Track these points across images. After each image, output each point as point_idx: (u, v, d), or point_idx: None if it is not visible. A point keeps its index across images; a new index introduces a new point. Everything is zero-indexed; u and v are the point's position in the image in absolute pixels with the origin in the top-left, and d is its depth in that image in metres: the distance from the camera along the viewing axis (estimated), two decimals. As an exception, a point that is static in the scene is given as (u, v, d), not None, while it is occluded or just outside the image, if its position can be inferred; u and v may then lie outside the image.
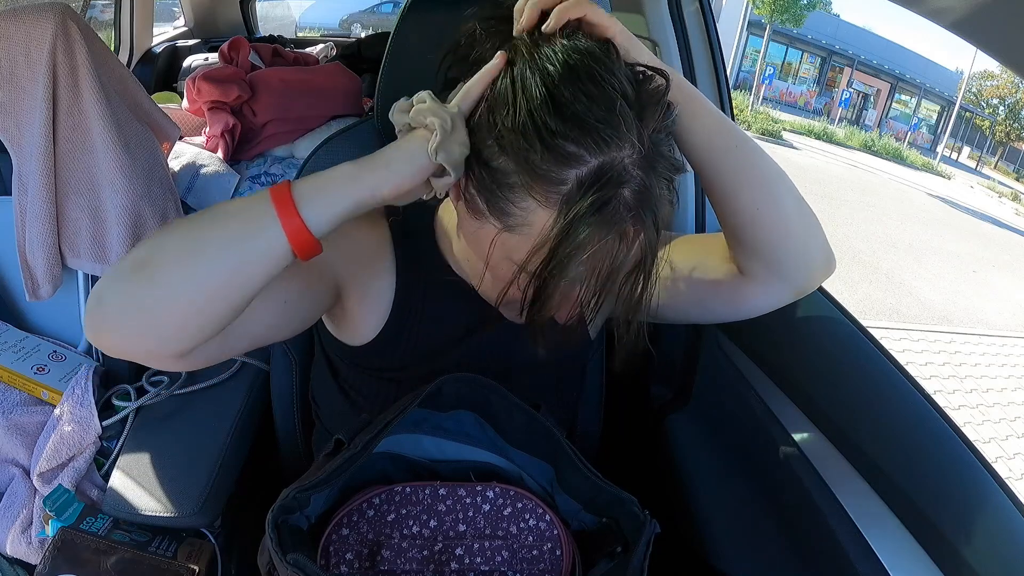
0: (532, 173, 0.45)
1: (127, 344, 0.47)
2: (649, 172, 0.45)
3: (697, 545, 0.80)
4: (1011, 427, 3.50)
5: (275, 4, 4.04)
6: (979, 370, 4.17)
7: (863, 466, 0.64)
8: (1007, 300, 6.22)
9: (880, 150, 15.15)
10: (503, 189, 0.47)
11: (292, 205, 0.45)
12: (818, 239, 0.57)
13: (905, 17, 32.78)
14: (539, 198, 0.46)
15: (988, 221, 10.95)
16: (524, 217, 0.47)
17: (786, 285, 0.58)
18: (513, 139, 0.45)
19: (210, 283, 0.45)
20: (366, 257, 0.64)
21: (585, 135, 0.44)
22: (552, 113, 0.44)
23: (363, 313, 0.65)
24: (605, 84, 0.44)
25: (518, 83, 0.46)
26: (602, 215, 0.44)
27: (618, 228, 0.45)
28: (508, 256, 0.50)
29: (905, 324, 4.64)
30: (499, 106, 0.47)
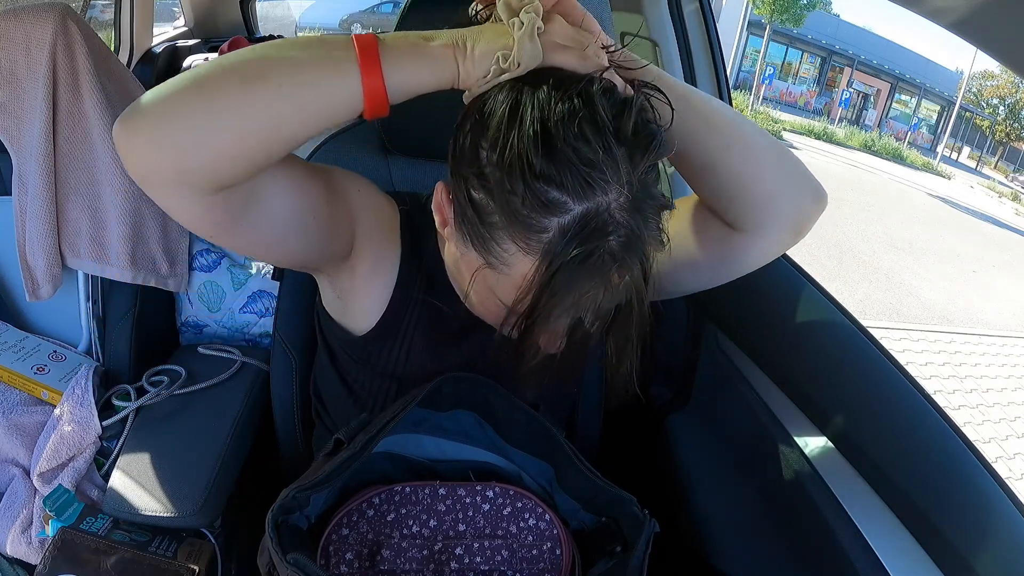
0: (513, 217, 0.43)
1: (158, 156, 0.42)
2: (636, 215, 0.43)
3: (697, 545, 0.80)
4: (1011, 427, 3.50)
5: (275, 4, 4.04)
6: (979, 370, 4.17)
7: (863, 466, 0.64)
8: (1007, 300, 6.21)
9: (880, 150, 15.15)
10: (485, 226, 0.45)
11: (378, 64, 0.43)
12: (804, 178, 0.56)
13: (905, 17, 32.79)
14: (520, 244, 0.44)
15: (988, 221, 10.95)
16: (506, 259, 0.46)
17: (784, 230, 0.57)
18: (497, 176, 0.43)
19: (268, 113, 0.43)
20: (386, 232, 0.65)
21: (570, 180, 0.41)
22: (540, 154, 0.41)
23: (368, 292, 0.64)
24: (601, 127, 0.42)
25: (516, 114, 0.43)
26: (586, 266, 0.43)
27: (602, 279, 0.44)
28: (492, 291, 0.49)
29: (905, 324, 4.64)
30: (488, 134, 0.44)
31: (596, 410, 0.90)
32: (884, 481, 0.62)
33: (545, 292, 0.43)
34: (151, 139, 0.42)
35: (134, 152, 0.43)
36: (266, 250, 0.56)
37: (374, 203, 0.64)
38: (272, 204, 0.50)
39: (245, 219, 0.49)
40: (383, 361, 0.66)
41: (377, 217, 0.64)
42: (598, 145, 0.41)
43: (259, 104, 0.42)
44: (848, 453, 0.66)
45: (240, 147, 0.43)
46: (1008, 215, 12.77)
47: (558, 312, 0.45)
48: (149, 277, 1.03)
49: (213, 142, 0.42)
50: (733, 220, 0.57)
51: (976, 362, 4.30)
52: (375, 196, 0.65)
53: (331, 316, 0.68)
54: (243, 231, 0.51)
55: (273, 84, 0.42)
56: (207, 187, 0.45)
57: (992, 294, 6.26)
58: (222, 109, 0.42)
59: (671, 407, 0.95)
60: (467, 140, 0.46)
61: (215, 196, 0.46)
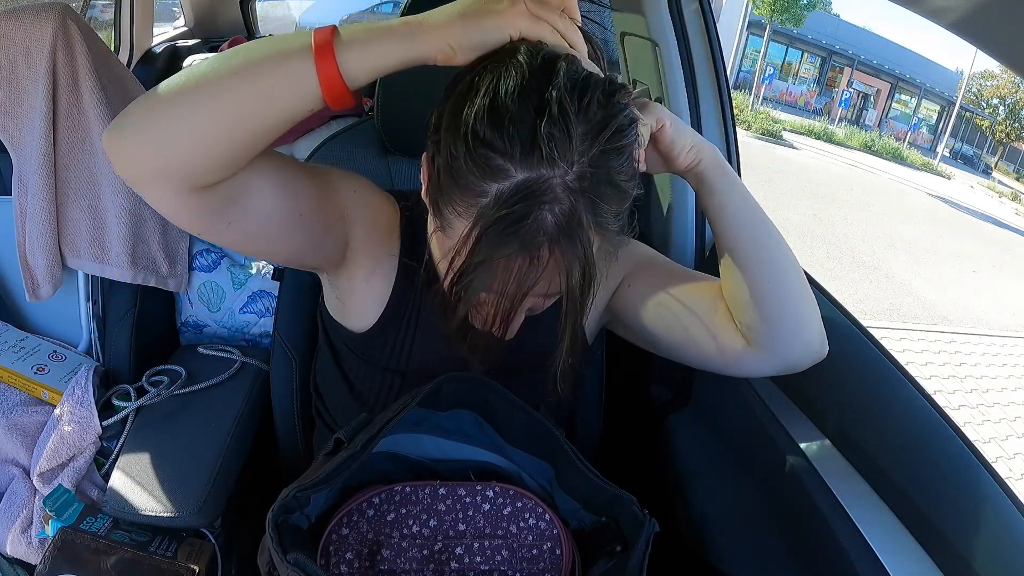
0: (455, 180, 0.44)
1: (137, 158, 0.45)
2: (581, 196, 0.43)
3: (696, 545, 0.80)
4: (1011, 427, 3.50)
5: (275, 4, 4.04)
6: (979, 370, 4.17)
7: (863, 466, 0.64)
8: (1007, 300, 6.21)
9: (880, 150, 15.15)
10: (439, 189, 0.47)
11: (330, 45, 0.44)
12: (814, 324, 0.59)
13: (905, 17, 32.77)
14: (459, 207, 0.45)
15: (988, 221, 10.95)
16: (450, 221, 0.47)
17: (779, 359, 0.60)
18: (447, 140, 0.44)
19: (231, 107, 0.44)
20: (381, 228, 0.65)
21: (513, 148, 0.41)
22: (488, 122, 0.42)
23: (368, 290, 0.65)
24: (552, 98, 0.41)
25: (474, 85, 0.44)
26: (511, 233, 0.42)
27: (528, 249, 0.43)
28: (440, 254, 0.51)
29: (905, 324, 4.64)
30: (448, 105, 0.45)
31: (596, 410, 0.90)
32: (884, 481, 0.62)
33: (469, 254, 0.43)
34: (130, 141, 0.45)
35: (117, 154, 0.45)
36: (257, 246, 0.56)
37: (371, 202, 0.64)
38: (256, 200, 0.51)
39: (230, 215, 0.50)
40: (386, 356, 0.66)
41: (374, 216, 0.64)
42: (551, 118, 0.41)
43: (222, 100, 0.44)
44: (848, 453, 0.66)
45: (209, 143, 0.45)
46: (1008, 215, 12.77)
47: (479, 277, 0.44)
48: (149, 277, 1.03)
49: (184, 140, 0.44)
50: (745, 327, 0.59)
51: (976, 362, 4.30)
52: (372, 195, 0.65)
53: (333, 315, 0.69)
54: (230, 227, 0.52)
55: (234, 79, 0.44)
56: (187, 185, 0.46)
57: (992, 294, 6.26)
58: (189, 108, 0.44)
59: (671, 407, 0.95)
60: (438, 110, 0.48)
61: (199, 193, 0.47)
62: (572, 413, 0.87)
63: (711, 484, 0.83)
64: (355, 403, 0.69)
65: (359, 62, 0.45)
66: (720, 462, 0.83)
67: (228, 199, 0.49)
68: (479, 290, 0.46)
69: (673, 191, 1.00)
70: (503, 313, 0.48)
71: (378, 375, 0.67)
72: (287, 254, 0.59)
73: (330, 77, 0.44)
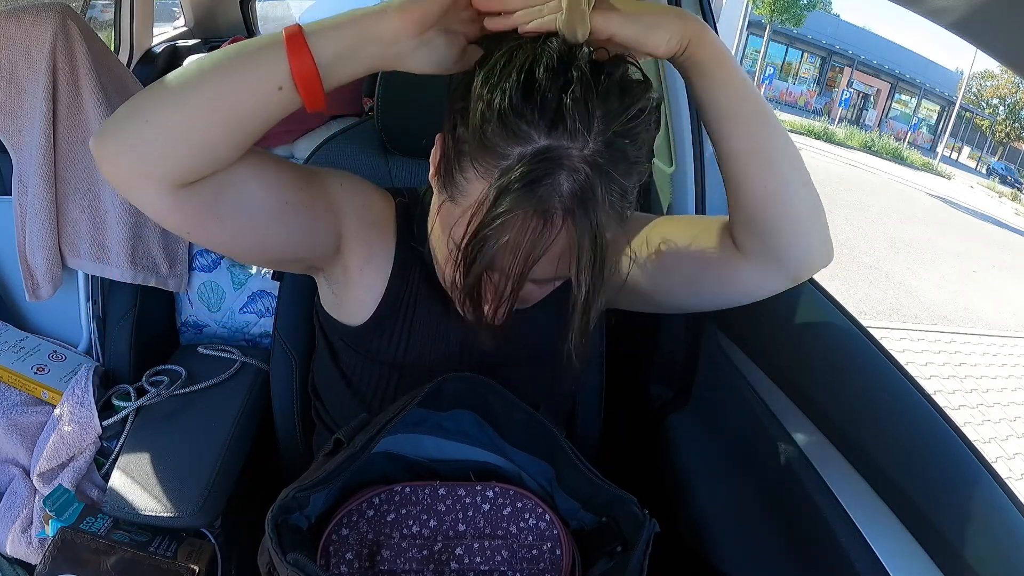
0: (481, 144, 0.45)
1: (122, 159, 0.46)
2: (598, 172, 0.44)
3: (696, 545, 0.80)
4: (1011, 427, 3.50)
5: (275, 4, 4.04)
6: (979, 370, 4.17)
7: (863, 466, 0.64)
8: (1007, 300, 6.21)
9: (880, 150, 15.16)
10: (457, 157, 0.48)
11: (300, 30, 0.45)
12: (820, 227, 0.57)
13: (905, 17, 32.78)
14: (479, 168, 0.46)
15: (988, 221, 10.95)
16: (464, 187, 0.48)
17: (782, 269, 0.58)
18: (477, 107, 0.45)
19: (207, 105, 0.45)
20: (375, 225, 0.65)
21: (541, 117, 0.43)
22: (521, 91, 0.43)
23: (362, 284, 0.65)
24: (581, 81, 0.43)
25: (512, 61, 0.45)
26: (529, 189, 0.44)
27: (543, 207, 0.44)
28: (447, 230, 0.50)
29: (905, 324, 4.64)
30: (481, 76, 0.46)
31: (596, 410, 0.90)
32: (884, 481, 0.62)
33: (487, 211, 0.44)
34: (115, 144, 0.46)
35: (103, 159, 0.47)
36: (247, 243, 0.56)
37: (361, 196, 0.65)
38: (242, 194, 0.52)
39: (217, 211, 0.51)
40: (383, 350, 0.66)
41: (366, 209, 0.64)
42: (575, 98, 0.43)
43: (199, 97, 0.45)
44: (848, 453, 0.66)
45: (190, 140, 0.46)
46: (1008, 215, 12.77)
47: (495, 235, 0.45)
48: (149, 277, 1.03)
49: (165, 138, 0.45)
50: (742, 237, 0.58)
51: (976, 362, 4.30)
52: (363, 189, 0.65)
53: (329, 312, 0.69)
54: (218, 224, 0.52)
55: (210, 76, 0.46)
56: (170, 183, 0.47)
57: (992, 294, 6.26)
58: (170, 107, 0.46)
59: (671, 407, 0.95)
60: (462, 82, 0.48)
61: (183, 191, 0.48)
62: (572, 413, 0.87)
63: (711, 484, 0.83)
64: (353, 399, 0.69)
65: (328, 45, 0.46)
66: (720, 462, 0.83)
67: (214, 195, 0.50)
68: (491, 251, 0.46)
69: (673, 191, 1.00)
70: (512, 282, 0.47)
71: (375, 369, 0.67)
72: (279, 250, 0.59)
73: (303, 62, 0.45)
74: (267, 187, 0.54)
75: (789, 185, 0.54)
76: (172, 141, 0.46)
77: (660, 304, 0.68)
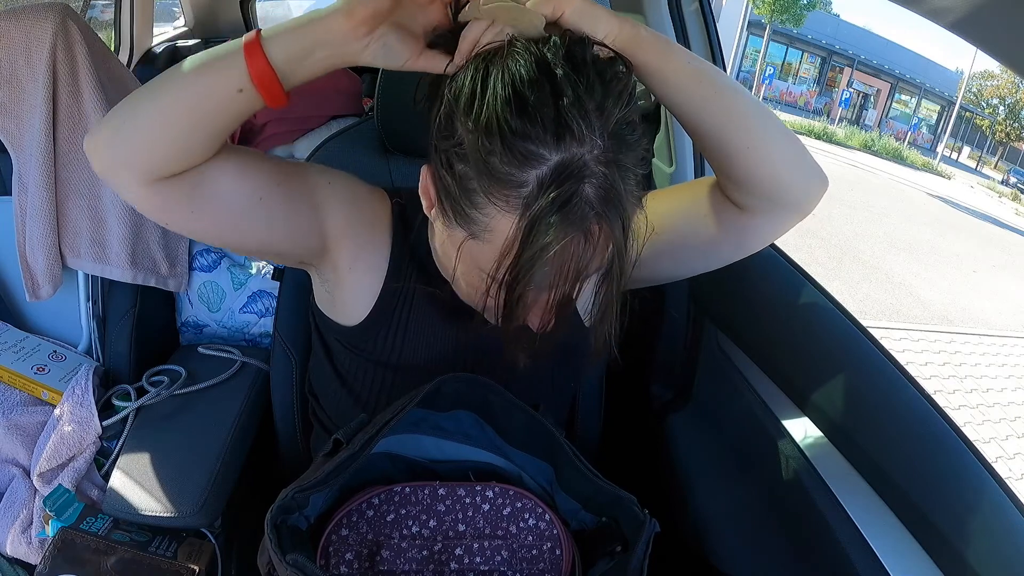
0: (492, 177, 0.44)
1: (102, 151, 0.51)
2: (612, 168, 0.44)
3: (696, 545, 0.80)
4: (1011, 427, 3.50)
5: (275, 4, 4.04)
6: (979, 370, 4.17)
7: (863, 466, 0.64)
8: (1007, 300, 6.21)
9: (880, 150, 15.16)
10: (466, 195, 0.47)
11: (256, 35, 0.48)
12: (807, 160, 0.57)
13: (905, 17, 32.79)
14: (500, 204, 0.45)
15: (988, 221, 10.95)
16: (487, 224, 0.46)
17: (788, 210, 0.59)
18: (473, 141, 0.44)
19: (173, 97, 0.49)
20: (367, 225, 0.65)
21: (546, 133, 0.43)
22: (515, 113, 0.43)
23: (353, 284, 0.65)
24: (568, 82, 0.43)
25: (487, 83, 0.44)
26: (564, 213, 0.43)
27: (582, 226, 0.44)
28: (476, 264, 0.50)
29: (905, 324, 4.64)
30: (462, 105, 0.45)
31: (596, 410, 0.90)
32: (884, 481, 0.62)
33: (526, 246, 0.44)
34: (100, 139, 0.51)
35: (92, 154, 0.51)
36: (224, 234, 0.58)
37: (351, 195, 0.65)
38: (217, 186, 0.54)
39: (193, 204, 0.54)
40: (377, 350, 0.66)
41: (356, 208, 0.64)
42: (567, 98, 0.43)
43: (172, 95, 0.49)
44: (848, 453, 0.66)
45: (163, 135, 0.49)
46: (1008, 215, 12.77)
47: (540, 266, 0.44)
48: (149, 277, 1.03)
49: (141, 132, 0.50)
50: (742, 200, 0.58)
51: (976, 362, 4.30)
52: (354, 189, 0.66)
53: (323, 311, 0.69)
54: (195, 215, 0.55)
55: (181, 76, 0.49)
56: (148, 175, 0.51)
57: (992, 294, 6.26)
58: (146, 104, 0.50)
59: (671, 407, 0.95)
60: (442, 116, 0.48)
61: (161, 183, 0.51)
62: (572, 413, 0.87)
63: (711, 484, 0.83)
64: (349, 399, 0.69)
65: (282, 49, 0.48)
66: (720, 462, 0.83)
67: (188, 189, 0.53)
68: (540, 283, 0.46)
69: (673, 191, 1.00)
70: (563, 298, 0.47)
71: (370, 369, 0.67)
72: (259, 242, 0.60)
73: (259, 66, 0.48)
74: (241, 183, 0.55)
75: (767, 137, 0.54)
76: (148, 136, 0.50)
77: (670, 275, 0.68)
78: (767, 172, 0.55)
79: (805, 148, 0.57)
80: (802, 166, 0.57)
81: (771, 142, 0.54)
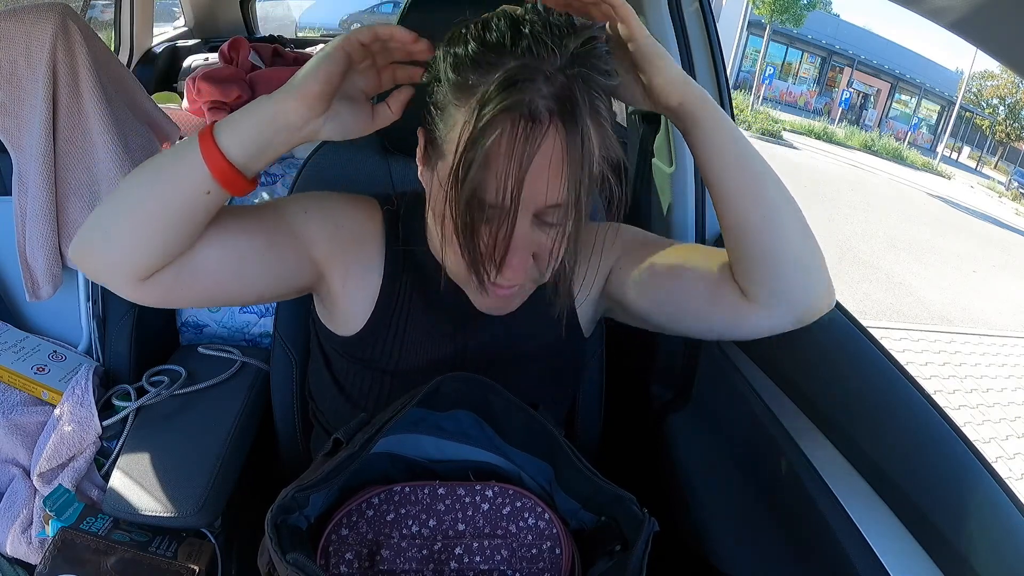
0: (456, 86, 0.47)
1: (91, 261, 0.53)
2: (575, 78, 0.45)
3: (696, 544, 0.80)
4: (1011, 427, 3.50)
5: (275, 4, 4.04)
6: (979, 370, 4.17)
7: (863, 466, 0.64)
8: (1007, 300, 6.21)
9: (880, 150, 15.15)
10: (438, 118, 0.50)
11: (211, 135, 0.49)
12: (819, 271, 0.57)
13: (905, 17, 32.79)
14: (459, 104, 0.47)
15: (988, 221, 10.95)
16: (449, 133, 0.49)
17: (787, 312, 0.58)
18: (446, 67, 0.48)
19: (145, 214, 0.50)
20: (353, 241, 0.65)
21: (512, 45, 0.45)
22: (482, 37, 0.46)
23: (349, 298, 0.65)
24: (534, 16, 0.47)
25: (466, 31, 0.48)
26: (509, 93, 0.44)
27: (529, 107, 0.44)
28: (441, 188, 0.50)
29: (905, 324, 4.64)
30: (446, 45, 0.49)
31: (596, 410, 0.90)
32: (884, 481, 0.62)
33: (474, 128, 0.44)
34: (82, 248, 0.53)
35: (80, 263, 0.54)
36: (219, 299, 0.60)
37: (332, 218, 0.64)
38: (199, 269, 0.55)
39: (180, 289, 0.55)
40: (376, 358, 0.66)
41: (339, 228, 0.64)
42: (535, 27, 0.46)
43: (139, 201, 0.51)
44: (848, 453, 0.66)
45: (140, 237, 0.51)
46: (1008, 215, 12.77)
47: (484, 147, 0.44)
48: (149, 277, 1.03)
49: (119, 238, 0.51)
50: (745, 284, 0.58)
51: (976, 362, 4.30)
52: (334, 211, 0.65)
53: (322, 321, 0.69)
54: (184, 296, 0.56)
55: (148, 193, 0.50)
56: (132, 277, 0.53)
57: (992, 294, 6.26)
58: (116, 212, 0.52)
59: (671, 407, 0.95)
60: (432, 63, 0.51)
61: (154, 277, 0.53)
62: (572, 413, 0.87)
63: (711, 484, 0.83)
64: (347, 405, 0.69)
65: (240, 147, 0.49)
66: (720, 462, 0.83)
67: (174, 276, 0.54)
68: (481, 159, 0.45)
69: (673, 191, 1.00)
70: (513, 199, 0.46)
71: (368, 376, 0.67)
72: (257, 293, 0.61)
73: (221, 168, 0.49)
74: (225, 252, 0.56)
75: (786, 228, 0.55)
76: (130, 244, 0.51)
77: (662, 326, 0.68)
78: (774, 265, 0.55)
79: (822, 258, 0.57)
80: (811, 271, 0.57)
81: (788, 237, 0.55)
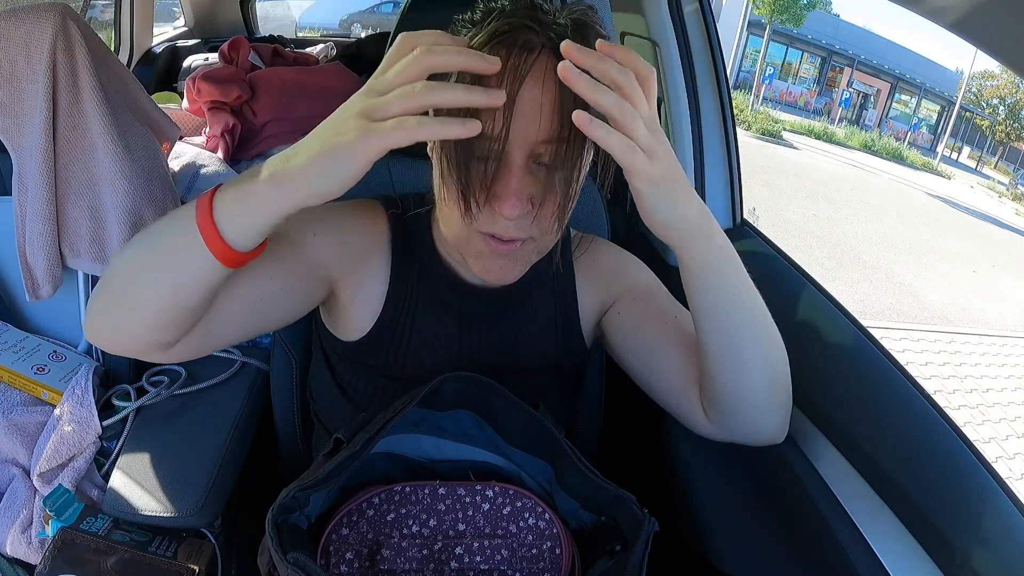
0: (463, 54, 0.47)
1: (112, 341, 0.54)
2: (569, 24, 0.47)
3: (696, 544, 0.80)
4: (1011, 427, 3.50)
5: (275, 4, 4.04)
6: (979, 370, 4.17)
7: (863, 466, 0.64)
8: (1007, 300, 6.22)
9: (880, 150, 15.15)
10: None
11: (212, 223, 0.45)
12: (774, 414, 0.60)
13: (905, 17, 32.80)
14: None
15: (988, 221, 10.95)
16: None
17: (734, 437, 0.63)
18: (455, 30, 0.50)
19: (157, 298, 0.49)
20: (360, 250, 0.65)
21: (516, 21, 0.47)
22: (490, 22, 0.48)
23: (356, 306, 0.65)
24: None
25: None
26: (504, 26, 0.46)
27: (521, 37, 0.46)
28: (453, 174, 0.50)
29: (905, 324, 4.64)
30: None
31: (596, 410, 0.90)
32: (884, 481, 0.62)
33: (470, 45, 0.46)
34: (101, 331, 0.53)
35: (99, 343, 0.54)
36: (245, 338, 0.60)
37: (338, 231, 0.64)
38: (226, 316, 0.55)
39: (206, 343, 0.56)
40: (380, 363, 0.66)
41: (345, 245, 0.64)
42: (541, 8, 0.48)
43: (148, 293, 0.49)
44: (848, 453, 0.66)
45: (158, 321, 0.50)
46: (1008, 215, 12.77)
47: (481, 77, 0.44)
48: (149, 277, 1.03)
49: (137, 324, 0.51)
50: (706, 406, 0.62)
51: (976, 362, 4.31)
52: (340, 222, 0.64)
53: (327, 325, 0.69)
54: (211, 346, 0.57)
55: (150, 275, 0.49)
56: (157, 347, 0.52)
57: (992, 294, 6.26)
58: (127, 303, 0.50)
59: (671, 407, 0.94)
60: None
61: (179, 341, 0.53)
62: (572, 413, 0.87)
63: (711, 483, 0.83)
64: (348, 406, 0.69)
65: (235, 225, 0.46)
66: (720, 462, 0.83)
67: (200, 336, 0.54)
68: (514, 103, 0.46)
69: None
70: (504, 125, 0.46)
71: (371, 380, 0.67)
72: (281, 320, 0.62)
73: (227, 255, 0.46)
74: (245, 300, 0.56)
75: (754, 381, 0.57)
76: (148, 324, 0.50)
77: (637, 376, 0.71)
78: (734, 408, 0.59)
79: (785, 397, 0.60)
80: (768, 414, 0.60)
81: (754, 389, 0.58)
